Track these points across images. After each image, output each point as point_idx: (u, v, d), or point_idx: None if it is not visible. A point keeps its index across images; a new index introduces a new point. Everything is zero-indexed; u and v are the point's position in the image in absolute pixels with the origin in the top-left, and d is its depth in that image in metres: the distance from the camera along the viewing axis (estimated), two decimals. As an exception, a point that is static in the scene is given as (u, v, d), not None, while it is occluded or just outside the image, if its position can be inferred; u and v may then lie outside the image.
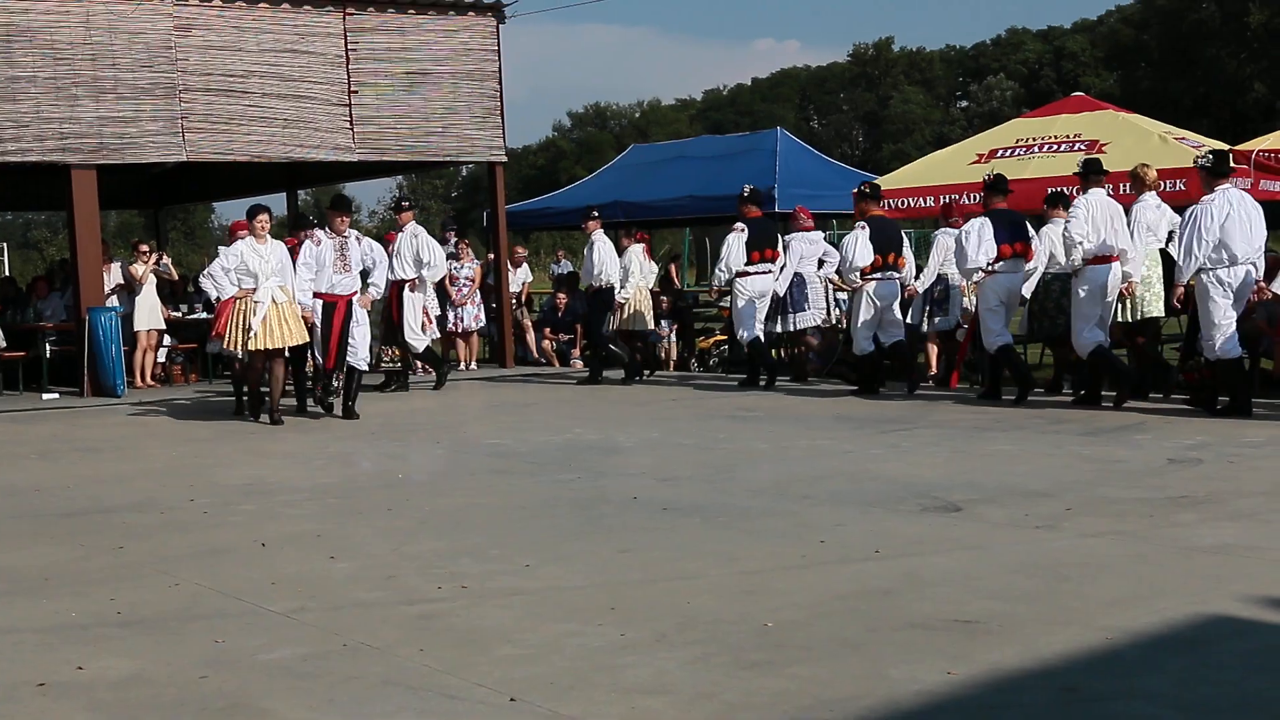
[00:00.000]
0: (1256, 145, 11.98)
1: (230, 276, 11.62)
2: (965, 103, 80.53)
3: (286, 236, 13.04)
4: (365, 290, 12.49)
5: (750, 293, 13.59)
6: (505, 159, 17.74)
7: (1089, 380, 11.23)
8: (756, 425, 10.95)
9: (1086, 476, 7.84)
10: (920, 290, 13.31)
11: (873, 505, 7.17)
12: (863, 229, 12.52)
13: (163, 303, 15.80)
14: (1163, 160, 12.63)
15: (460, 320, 16.77)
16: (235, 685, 4.43)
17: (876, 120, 79.90)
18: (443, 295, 16.59)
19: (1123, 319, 10.98)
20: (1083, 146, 13.54)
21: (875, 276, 12.47)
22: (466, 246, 17.11)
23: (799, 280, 13.84)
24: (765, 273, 13.64)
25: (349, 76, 16.19)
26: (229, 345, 11.70)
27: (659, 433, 10.57)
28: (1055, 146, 13.87)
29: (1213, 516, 6.60)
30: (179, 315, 16.31)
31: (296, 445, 10.67)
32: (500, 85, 17.25)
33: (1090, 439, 9.29)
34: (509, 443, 10.29)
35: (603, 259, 14.38)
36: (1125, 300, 10.95)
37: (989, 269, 11.55)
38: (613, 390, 14.18)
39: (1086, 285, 10.85)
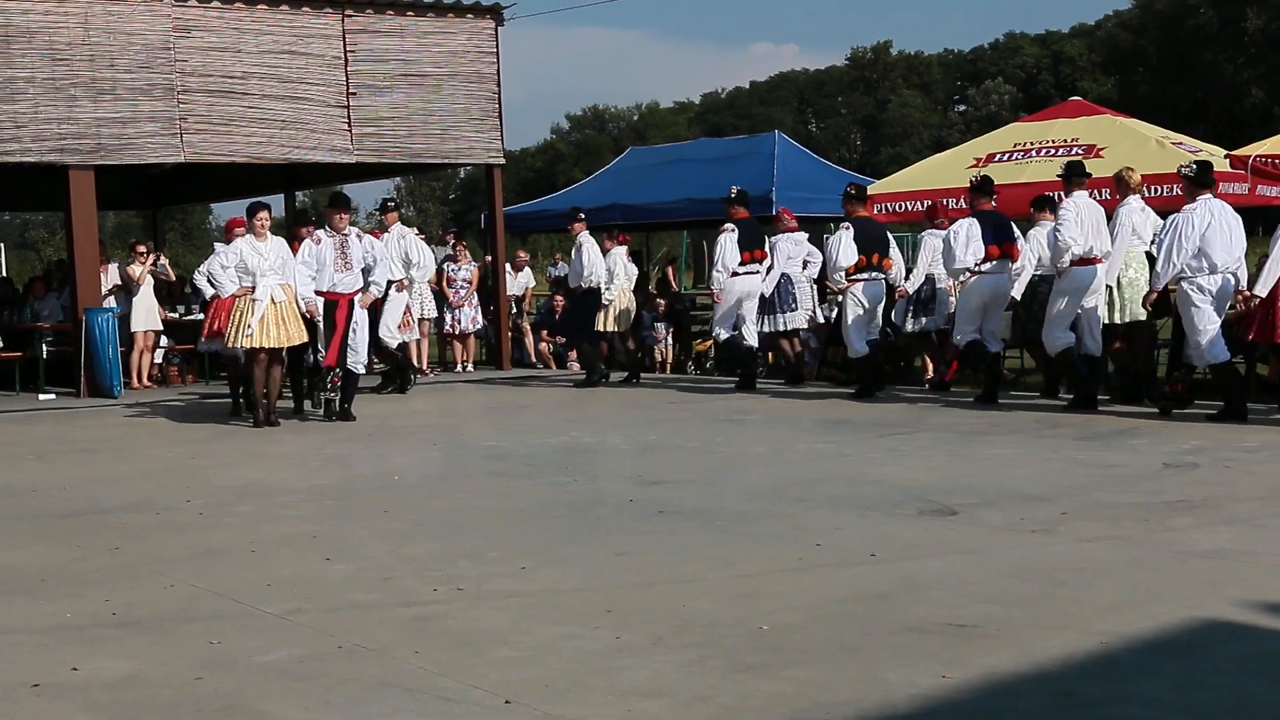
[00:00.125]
0: (1254, 150, 11.97)
1: (229, 274, 11.58)
2: (963, 107, 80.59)
3: (293, 241, 12.59)
4: (366, 289, 12.28)
5: (738, 292, 13.65)
6: (503, 161, 17.77)
7: (1084, 384, 11.26)
8: (754, 428, 10.96)
9: (1083, 481, 7.85)
10: (910, 291, 13.36)
11: (870, 509, 7.17)
12: (847, 229, 12.64)
13: (160, 304, 15.81)
14: (1160, 165, 12.66)
15: (457, 322, 16.79)
16: (231, 686, 4.43)
17: (874, 124, 79.97)
18: (440, 297, 16.61)
19: (1109, 321, 11.05)
20: (1080, 151, 13.56)
21: (861, 277, 12.55)
22: (464, 249, 17.12)
23: (785, 280, 14.03)
24: (753, 273, 13.72)
25: (347, 78, 16.21)
26: (229, 343, 11.65)
27: (656, 435, 10.58)
28: (1053, 150, 13.89)
29: (1209, 521, 6.60)
30: (176, 316, 16.32)
31: (293, 447, 10.67)
32: (498, 87, 17.27)
33: (1087, 444, 9.30)
34: (506, 445, 10.29)
35: (592, 260, 14.45)
36: (1114, 302, 11.03)
37: (976, 269, 11.63)
38: (610, 393, 14.19)
39: (1068, 286, 10.98)
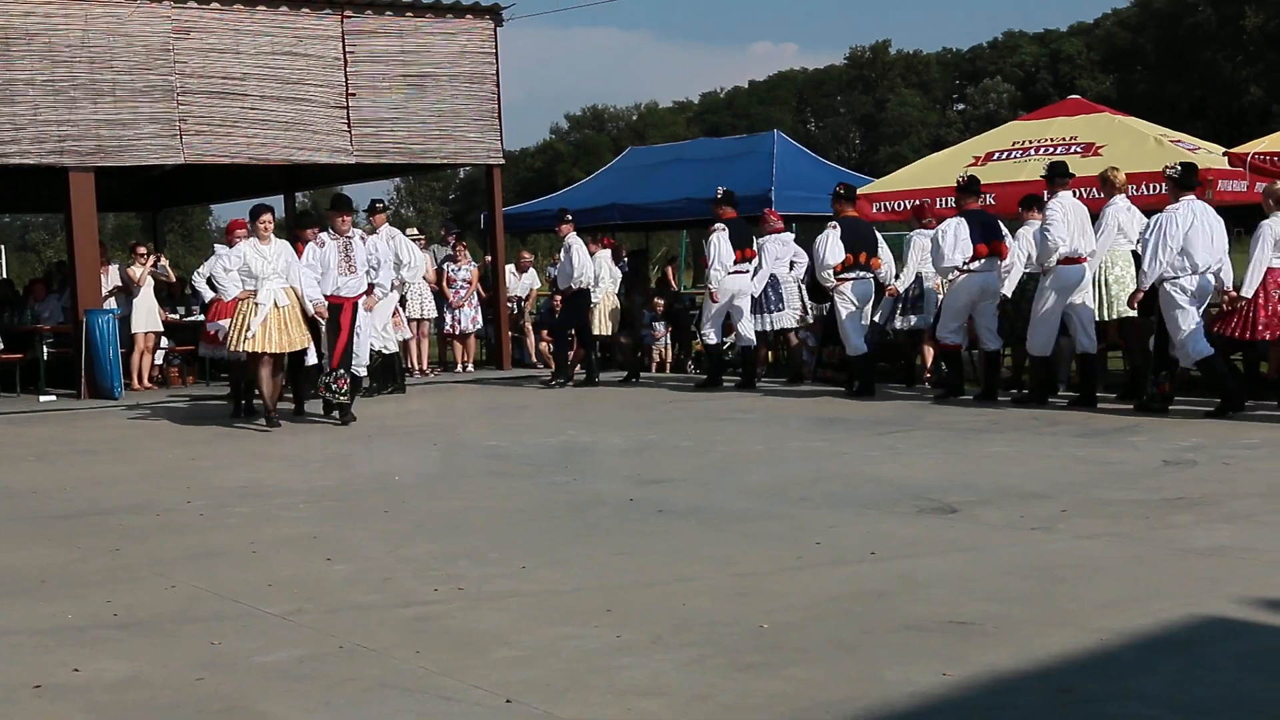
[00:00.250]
0: (1252, 148, 11.97)
1: (232, 277, 11.44)
2: (962, 105, 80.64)
3: (296, 244, 12.35)
4: (370, 292, 12.19)
5: (729, 292, 13.72)
6: (503, 161, 17.77)
7: (1084, 383, 11.30)
8: (752, 427, 10.96)
9: (1082, 478, 7.85)
10: (901, 290, 13.42)
11: (868, 507, 7.18)
12: (834, 228, 12.75)
13: (160, 305, 15.81)
14: (1158, 163, 12.60)
15: (457, 322, 16.79)
16: (232, 687, 4.44)
17: (873, 123, 79.99)
18: (440, 297, 16.60)
19: (1098, 318, 11.13)
20: (1079, 149, 13.56)
21: (848, 276, 12.63)
22: (464, 249, 17.12)
23: (773, 281, 14.19)
24: (744, 272, 13.79)
25: (346, 79, 16.20)
26: (231, 346, 11.57)
27: (655, 435, 10.58)
28: (1051, 149, 13.88)
29: (1208, 518, 6.61)
30: (176, 317, 16.32)
31: (293, 448, 10.67)
32: (498, 88, 17.28)
33: (1086, 441, 9.30)
34: (505, 445, 10.30)
35: (582, 262, 14.51)
36: (1102, 300, 11.08)
37: (965, 268, 11.69)
38: (609, 393, 14.20)
39: (1053, 285, 11.06)
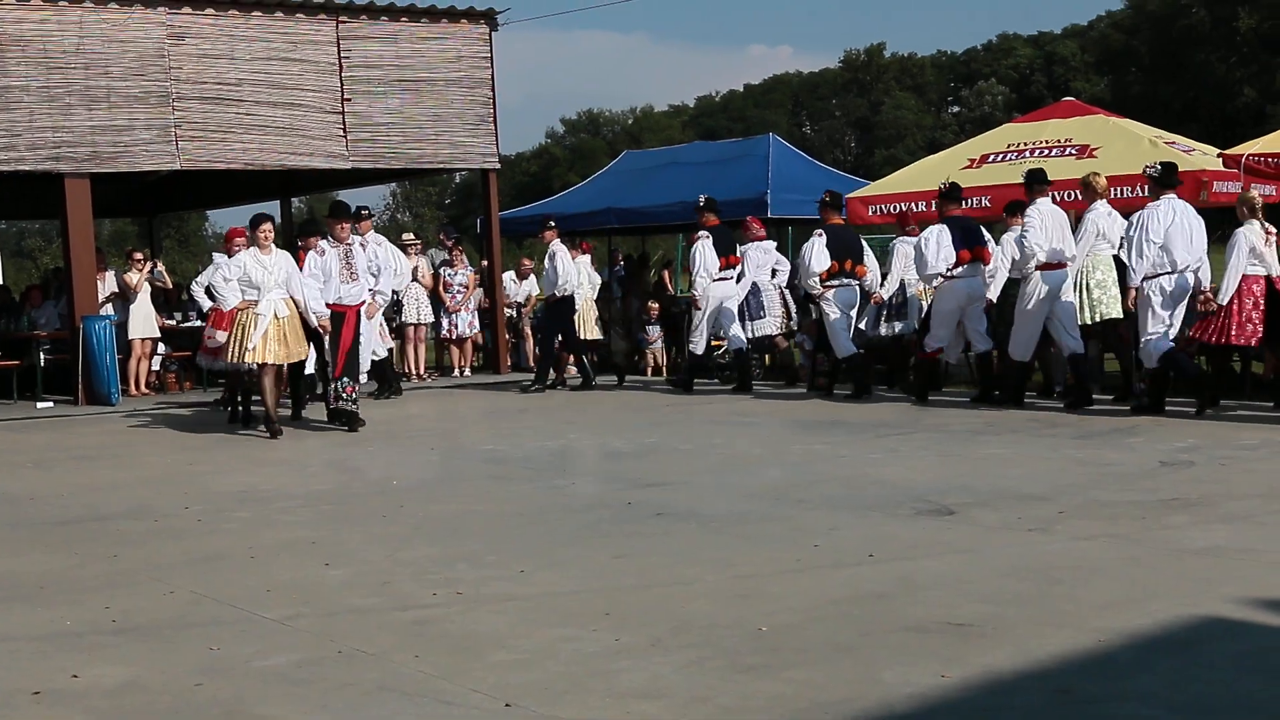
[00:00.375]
0: (1246, 149, 11.98)
1: (232, 287, 11.31)
2: (957, 108, 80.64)
3: (299, 252, 12.20)
4: (372, 299, 12.14)
5: (715, 299, 13.84)
6: (498, 166, 17.78)
7: (1077, 383, 11.33)
8: (751, 430, 10.97)
9: (1079, 480, 7.87)
10: (884, 297, 13.46)
11: (867, 509, 7.19)
12: (820, 236, 12.85)
13: (157, 311, 15.79)
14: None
15: (455, 327, 16.80)
16: (230, 692, 4.44)
17: (868, 126, 79.98)
18: (436, 302, 16.61)
19: (1081, 321, 11.17)
20: (1073, 151, 13.59)
21: (833, 284, 12.75)
22: (461, 253, 17.13)
23: (755, 289, 14.32)
24: (728, 279, 13.91)
25: (342, 84, 16.21)
26: (232, 357, 11.41)
27: (654, 438, 10.59)
28: (1046, 151, 13.90)
29: (1205, 519, 6.62)
30: (173, 323, 16.31)
31: (291, 452, 10.67)
32: (493, 92, 17.28)
33: (1083, 442, 9.32)
34: (504, 448, 10.31)
35: (567, 269, 14.60)
36: (1084, 303, 11.12)
37: (948, 274, 11.75)
38: (608, 396, 14.21)
39: (1035, 292, 11.12)
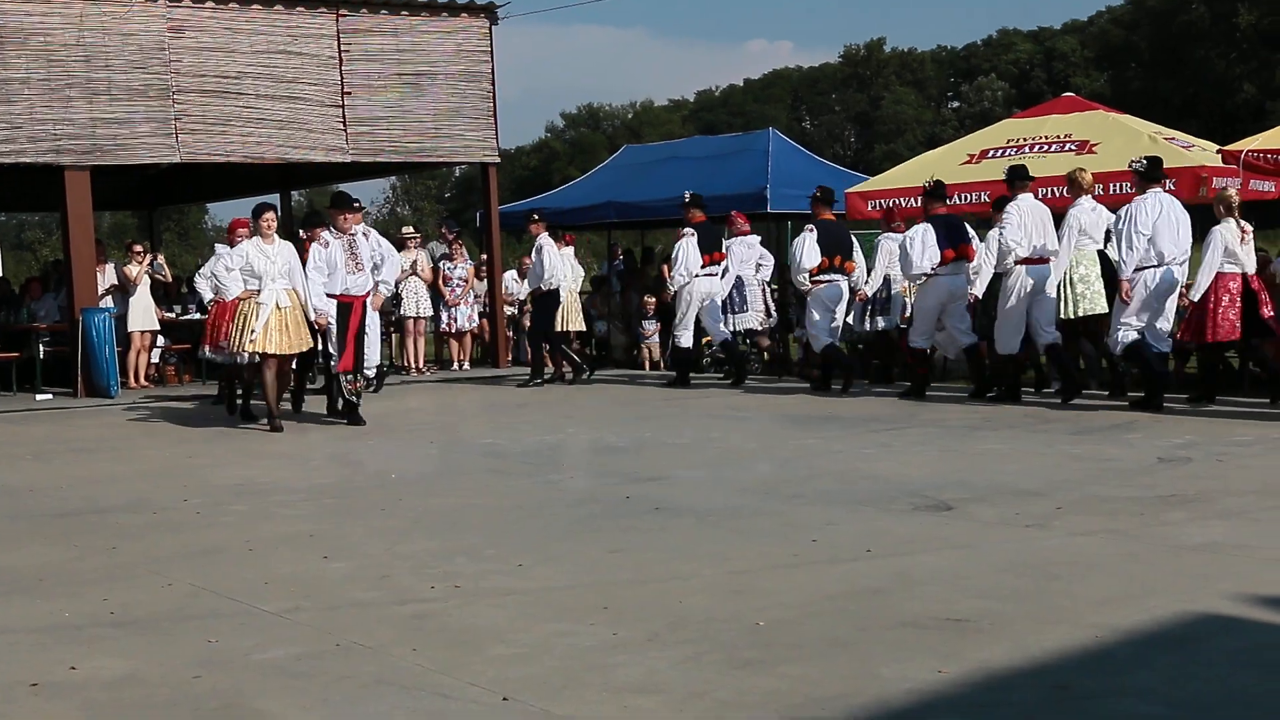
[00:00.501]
0: (1245, 145, 11.99)
1: (234, 277, 11.24)
2: (956, 103, 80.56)
3: (304, 240, 12.17)
4: (376, 290, 12.06)
5: (700, 294, 13.92)
6: (498, 160, 17.77)
7: (1063, 373, 11.41)
8: (747, 424, 10.98)
9: (1076, 475, 7.87)
10: (869, 294, 13.49)
11: (863, 504, 7.20)
12: (810, 231, 12.88)
13: (157, 304, 15.79)
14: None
15: (454, 320, 16.80)
16: (229, 685, 4.44)
17: (868, 121, 79.91)
18: (436, 295, 16.61)
19: (1065, 316, 11.18)
20: (1073, 147, 13.59)
21: (821, 279, 12.81)
22: (460, 246, 17.13)
23: (738, 283, 14.41)
24: (713, 275, 13.98)
25: (342, 78, 16.21)
26: (233, 347, 11.33)
27: (650, 432, 10.60)
28: (1046, 147, 13.90)
29: (1202, 515, 6.63)
30: (173, 316, 16.32)
31: (290, 445, 10.67)
32: (493, 86, 17.28)
33: (1080, 438, 9.33)
34: (502, 442, 10.31)
35: (553, 263, 14.63)
36: (1066, 299, 11.14)
37: (933, 272, 11.79)
38: (604, 390, 14.22)
39: (1016, 286, 11.16)
